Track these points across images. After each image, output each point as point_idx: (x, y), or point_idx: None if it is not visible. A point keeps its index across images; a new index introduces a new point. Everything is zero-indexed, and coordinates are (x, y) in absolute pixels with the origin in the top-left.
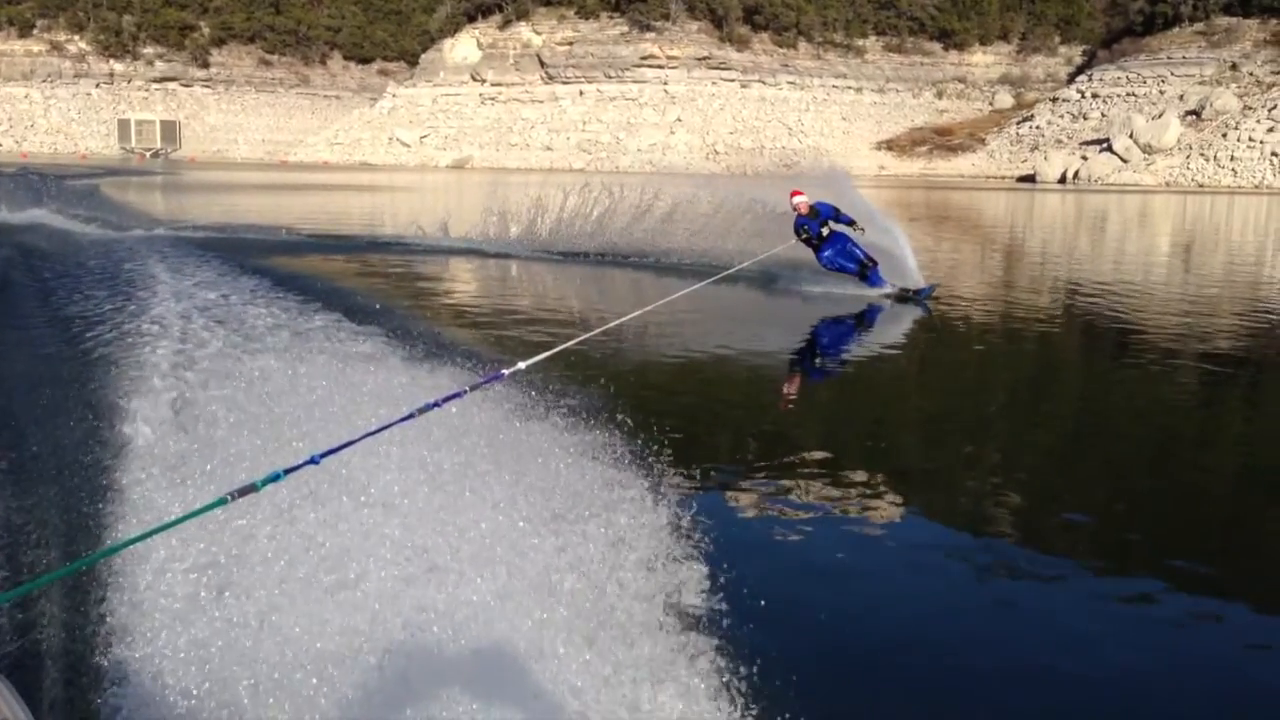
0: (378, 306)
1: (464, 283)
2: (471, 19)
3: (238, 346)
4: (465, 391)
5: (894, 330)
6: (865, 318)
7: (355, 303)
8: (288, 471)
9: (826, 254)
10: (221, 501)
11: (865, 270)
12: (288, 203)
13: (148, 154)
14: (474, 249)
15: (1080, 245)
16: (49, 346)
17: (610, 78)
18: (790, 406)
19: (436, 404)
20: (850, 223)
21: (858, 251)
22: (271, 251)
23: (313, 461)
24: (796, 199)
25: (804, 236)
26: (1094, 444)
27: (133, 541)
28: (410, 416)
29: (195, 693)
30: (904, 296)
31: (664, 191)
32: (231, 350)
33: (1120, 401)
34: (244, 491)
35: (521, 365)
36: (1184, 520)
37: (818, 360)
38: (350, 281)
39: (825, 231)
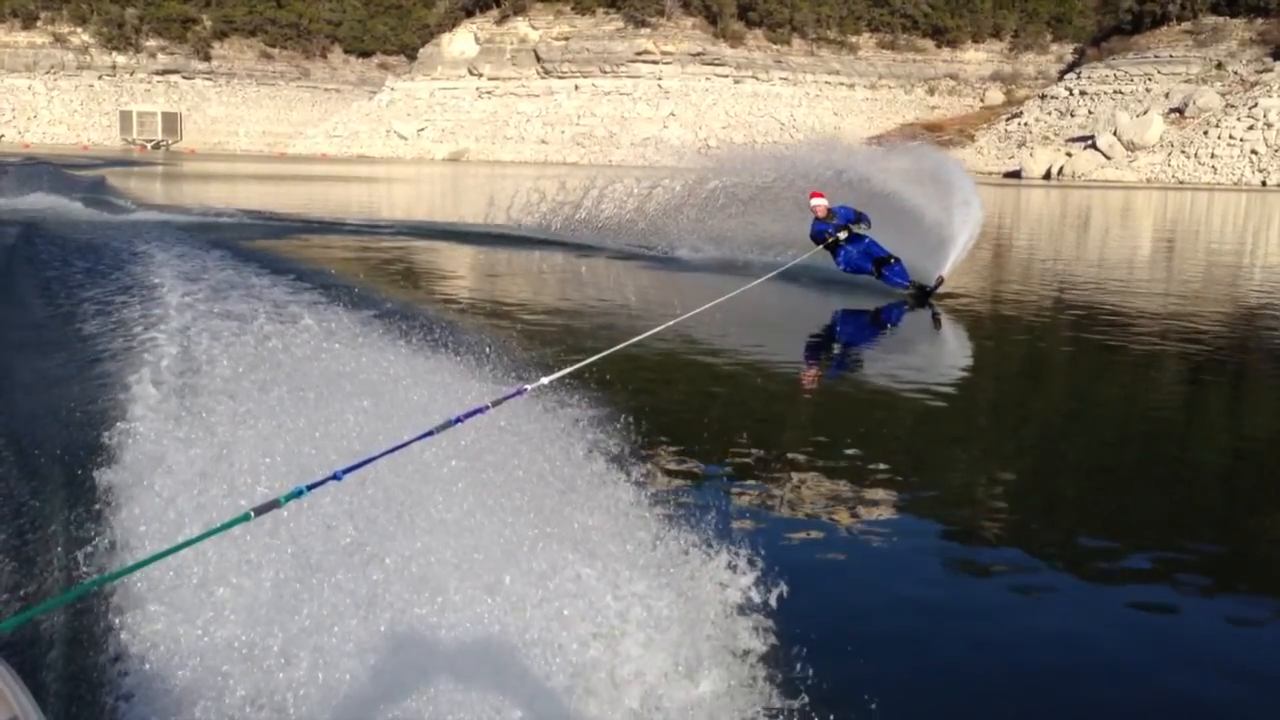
0: (450, 320)
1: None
2: (470, 14)
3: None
4: (488, 407)
5: (895, 326)
6: (880, 316)
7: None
8: (310, 487)
9: (843, 256)
10: (245, 517)
11: (880, 269)
12: (287, 192)
13: (149, 145)
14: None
15: (1067, 240)
16: (53, 306)
17: (605, 73)
18: (793, 404)
19: (459, 420)
20: (867, 223)
21: (877, 250)
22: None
23: (335, 478)
24: (815, 201)
25: (830, 240)
26: (1089, 435)
27: (153, 560)
28: (431, 433)
29: (199, 680)
30: (919, 298)
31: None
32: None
33: (1113, 392)
34: (267, 508)
35: (544, 380)
36: (1180, 511)
37: (823, 360)
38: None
39: (843, 235)
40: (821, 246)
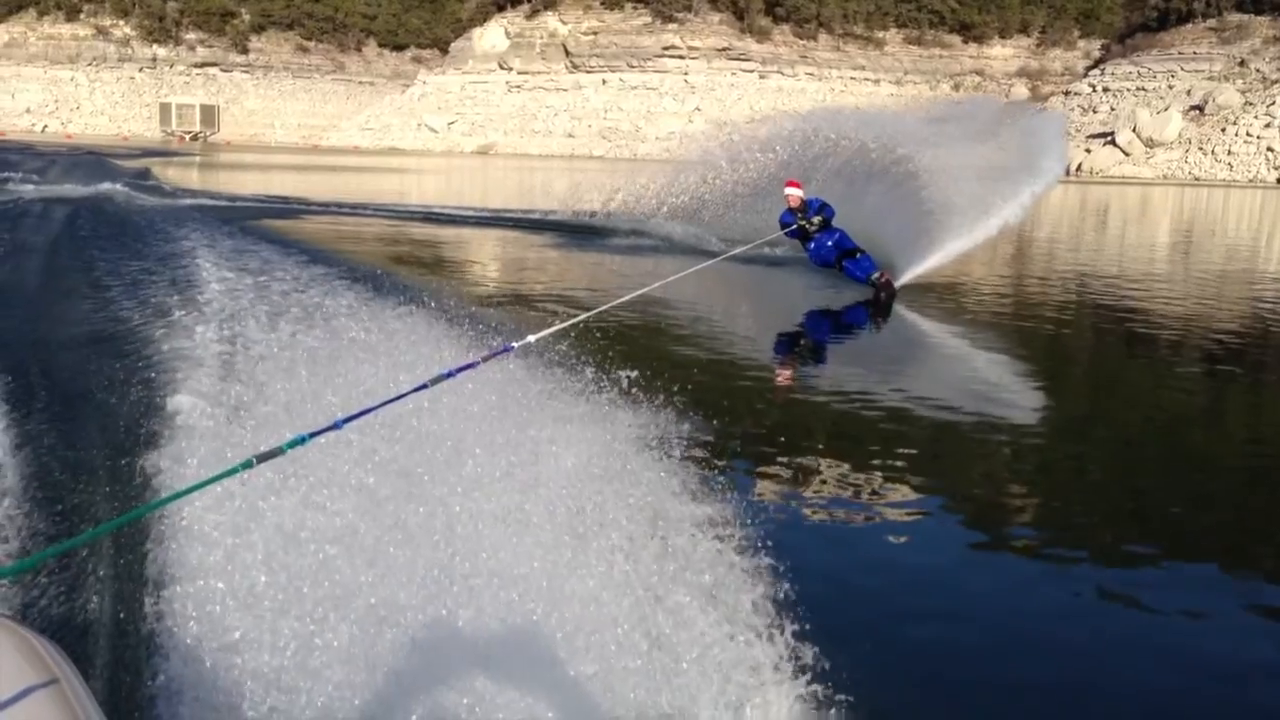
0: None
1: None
2: (500, 8)
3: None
4: (478, 363)
5: (902, 317)
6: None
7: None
8: (312, 435)
9: (815, 247)
10: (247, 464)
11: (841, 260)
12: (318, 181)
13: (187, 137)
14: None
15: (1087, 237)
16: (97, 270)
17: (632, 67)
18: (799, 395)
19: (450, 374)
20: (831, 214)
21: (846, 243)
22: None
23: (336, 426)
24: (789, 190)
25: (799, 226)
26: (1110, 428)
27: (151, 508)
28: (424, 386)
29: (239, 658)
30: (875, 298)
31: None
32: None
33: (1134, 385)
34: (269, 455)
35: (531, 339)
36: (1203, 504)
37: (823, 342)
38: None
39: (810, 227)
40: (784, 233)
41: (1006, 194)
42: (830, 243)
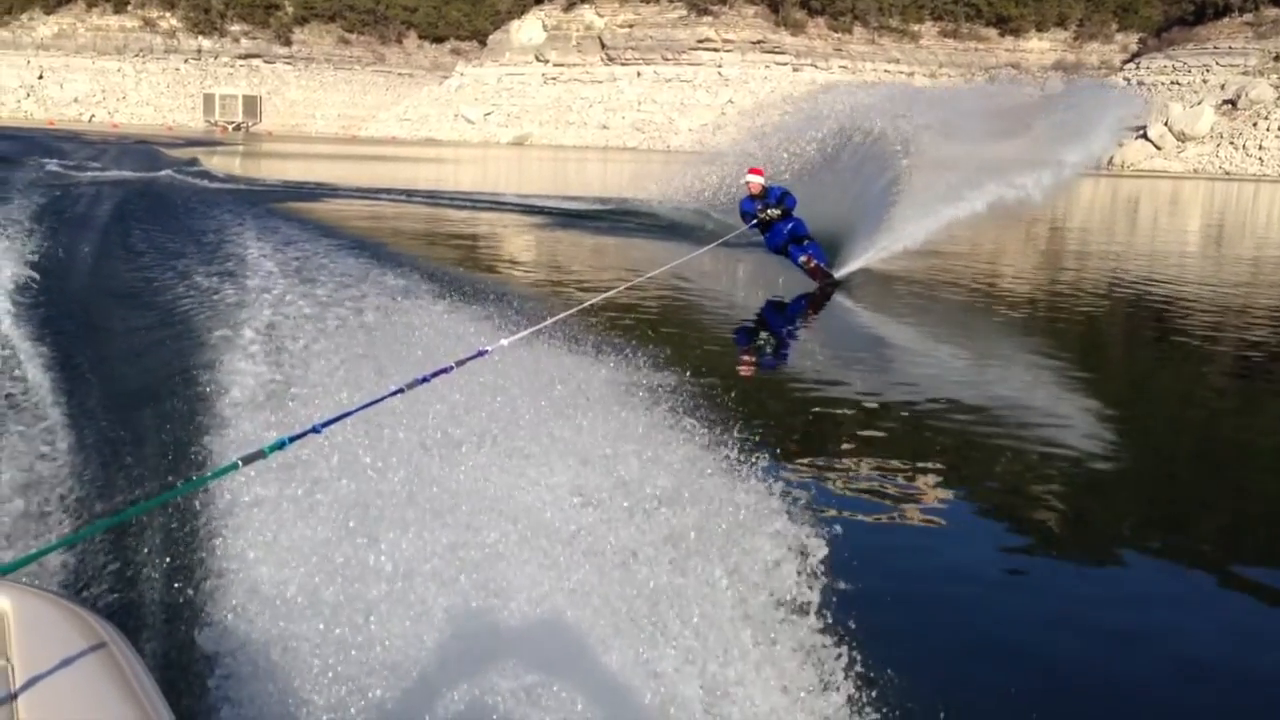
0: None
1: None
2: (538, 1)
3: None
4: (452, 367)
5: (918, 313)
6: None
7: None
8: (292, 439)
9: (774, 235)
10: (233, 466)
11: (788, 244)
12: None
13: (230, 127)
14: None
15: (1119, 229)
16: (155, 246)
17: (667, 60)
18: (817, 387)
19: (425, 379)
20: (793, 203)
21: (800, 230)
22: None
23: (315, 430)
24: (750, 178)
25: (761, 218)
26: (1142, 422)
27: (145, 508)
28: (399, 391)
29: (291, 639)
30: (819, 289)
31: None
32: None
33: (1167, 380)
34: (252, 458)
35: (504, 342)
36: (1235, 498)
37: (849, 338)
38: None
39: (769, 216)
40: (746, 227)
41: (989, 181)
42: (786, 230)
